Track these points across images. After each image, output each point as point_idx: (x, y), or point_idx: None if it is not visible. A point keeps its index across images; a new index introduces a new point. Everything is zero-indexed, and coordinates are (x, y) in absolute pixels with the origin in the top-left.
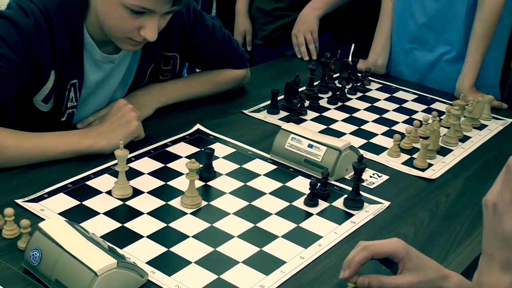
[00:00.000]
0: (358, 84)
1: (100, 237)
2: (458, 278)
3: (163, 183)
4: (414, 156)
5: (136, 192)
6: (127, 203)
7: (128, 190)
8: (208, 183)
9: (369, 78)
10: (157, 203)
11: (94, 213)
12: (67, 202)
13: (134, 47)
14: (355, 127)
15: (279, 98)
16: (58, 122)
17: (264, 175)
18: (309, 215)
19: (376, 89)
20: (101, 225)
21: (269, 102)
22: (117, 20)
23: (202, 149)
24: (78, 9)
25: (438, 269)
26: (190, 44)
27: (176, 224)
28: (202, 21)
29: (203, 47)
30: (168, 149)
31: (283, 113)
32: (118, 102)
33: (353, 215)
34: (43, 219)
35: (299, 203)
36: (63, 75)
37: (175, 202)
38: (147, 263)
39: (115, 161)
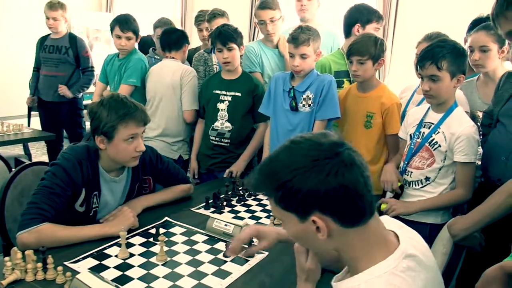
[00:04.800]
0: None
1: (111, 280)
2: (279, 232)
3: (146, 249)
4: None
5: (131, 255)
6: (127, 261)
7: (126, 254)
8: (171, 247)
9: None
10: (143, 260)
11: (107, 267)
12: (93, 262)
13: (136, 161)
14: (250, 214)
15: (210, 201)
16: (88, 217)
17: (202, 242)
18: (225, 262)
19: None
20: (112, 274)
21: (204, 203)
22: (123, 151)
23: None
24: (94, 156)
25: (275, 231)
26: (155, 170)
27: (153, 271)
28: (161, 159)
29: (163, 171)
30: (149, 231)
31: (212, 209)
32: (122, 208)
33: (249, 260)
34: (78, 272)
35: (220, 255)
36: (89, 190)
37: (153, 259)
38: None
39: (119, 239)
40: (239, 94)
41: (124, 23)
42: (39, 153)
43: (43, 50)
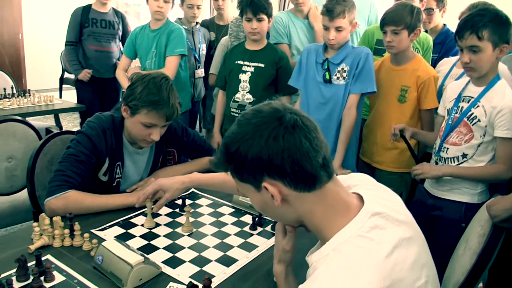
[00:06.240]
0: None
1: (137, 248)
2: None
3: (172, 219)
4: None
5: (157, 225)
6: (152, 230)
7: (152, 223)
8: (197, 219)
9: None
10: (169, 230)
11: (133, 236)
12: (119, 230)
13: (148, 144)
14: None
15: None
16: (111, 187)
17: (228, 214)
18: (252, 235)
19: None
20: (137, 242)
21: None
22: (137, 131)
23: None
24: (118, 126)
25: (180, 180)
26: (181, 143)
27: (178, 241)
28: (186, 131)
29: (188, 144)
30: (176, 202)
31: None
32: (150, 179)
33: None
34: (104, 240)
35: (247, 228)
36: (112, 160)
37: (179, 230)
38: (162, 262)
39: (145, 209)
40: (262, 65)
41: None
42: (70, 125)
43: (91, 24)
